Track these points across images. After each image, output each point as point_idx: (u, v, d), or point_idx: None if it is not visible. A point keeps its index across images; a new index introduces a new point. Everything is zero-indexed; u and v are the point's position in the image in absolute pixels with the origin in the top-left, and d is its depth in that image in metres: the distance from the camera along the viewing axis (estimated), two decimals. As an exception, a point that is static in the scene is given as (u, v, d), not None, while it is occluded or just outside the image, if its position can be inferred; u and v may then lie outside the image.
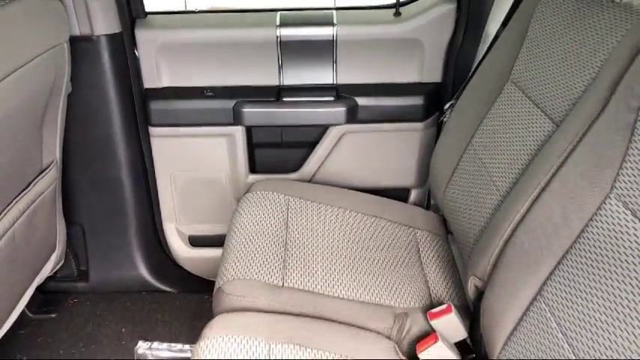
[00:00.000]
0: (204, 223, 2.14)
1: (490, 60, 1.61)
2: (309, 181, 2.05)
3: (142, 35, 1.87)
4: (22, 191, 1.56)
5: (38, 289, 1.85)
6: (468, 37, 1.83)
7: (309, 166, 2.03)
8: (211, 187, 2.07)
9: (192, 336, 1.86)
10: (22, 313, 1.82)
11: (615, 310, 0.89)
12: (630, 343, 0.84)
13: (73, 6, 1.68)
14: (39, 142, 1.62)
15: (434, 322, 1.34)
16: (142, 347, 1.75)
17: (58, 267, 1.92)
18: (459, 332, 1.35)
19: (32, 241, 1.67)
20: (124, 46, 1.82)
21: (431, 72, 1.93)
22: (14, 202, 1.52)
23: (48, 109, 1.61)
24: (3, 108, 1.32)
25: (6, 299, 1.58)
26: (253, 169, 2.05)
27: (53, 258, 1.86)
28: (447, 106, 1.80)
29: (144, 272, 2.11)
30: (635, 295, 0.86)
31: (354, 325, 1.32)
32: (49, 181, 1.71)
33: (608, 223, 0.97)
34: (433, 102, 1.94)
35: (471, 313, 1.37)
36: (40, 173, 1.66)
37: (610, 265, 0.93)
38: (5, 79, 1.31)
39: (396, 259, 1.56)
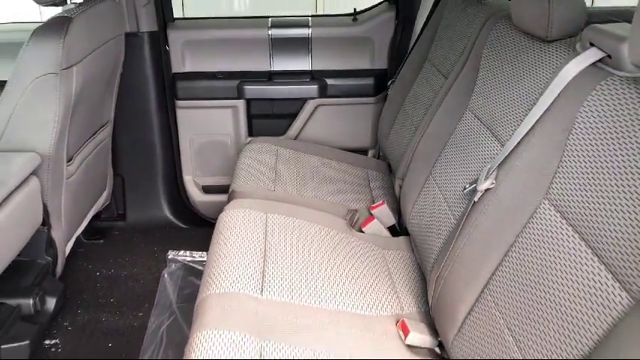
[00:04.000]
0: (213, 176, 2.78)
1: (416, 49, 2.33)
2: (292, 141, 2.72)
3: (171, 34, 2.56)
4: (93, 135, 2.24)
5: (87, 225, 2.49)
6: (404, 35, 2.56)
7: (292, 130, 2.69)
8: (219, 147, 2.72)
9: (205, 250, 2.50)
10: (78, 238, 2.45)
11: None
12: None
13: (126, 10, 2.37)
14: (102, 105, 2.30)
15: (373, 212, 2.03)
16: (171, 254, 2.36)
17: (106, 204, 2.57)
18: (391, 219, 2.04)
19: (96, 174, 2.34)
20: (159, 41, 2.50)
21: (379, 60, 2.64)
22: (88, 141, 2.19)
23: (109, 82, 2.30)
24: (90, 73, 2.00)
25: (79, 213, 2.23)
26: (251, 133, 2.70)
27: (104, 194, 2.52)
28: (389, 83, 2.50)
29: (168, 213, 2.74)
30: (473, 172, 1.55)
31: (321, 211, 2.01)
32: (106, 134, 2.38)
33: (466, 128, 1.67)
34: (381, 82, 2.62)
35: (399, 208, 2.06)
36: (102, 127, 2.33)
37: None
38: (92, 53, 2.00)
39: (351, 182, 2.25)
